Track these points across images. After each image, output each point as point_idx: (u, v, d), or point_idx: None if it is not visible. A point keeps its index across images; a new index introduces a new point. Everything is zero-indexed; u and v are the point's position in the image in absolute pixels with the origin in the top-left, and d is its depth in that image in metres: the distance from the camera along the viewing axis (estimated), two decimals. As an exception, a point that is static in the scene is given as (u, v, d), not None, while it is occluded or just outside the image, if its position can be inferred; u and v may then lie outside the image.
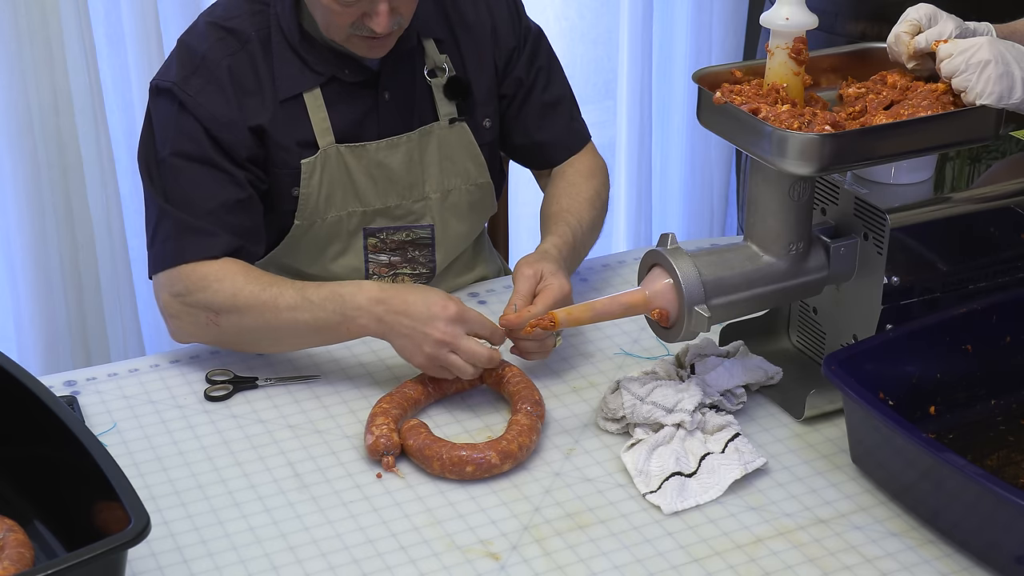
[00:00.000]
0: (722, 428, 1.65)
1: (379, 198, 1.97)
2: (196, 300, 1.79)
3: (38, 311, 2.73)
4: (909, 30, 1.68)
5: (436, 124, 1.98)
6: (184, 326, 1.83)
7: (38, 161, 2.65)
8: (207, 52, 1.86)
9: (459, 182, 2.02)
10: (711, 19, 3.46)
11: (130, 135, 2.86)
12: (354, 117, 1.92)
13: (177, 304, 1.81)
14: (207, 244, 1.81)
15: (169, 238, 1.82)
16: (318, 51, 1.89)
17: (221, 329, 1.80)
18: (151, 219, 1.86)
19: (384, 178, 1.96)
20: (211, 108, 1.84)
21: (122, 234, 2.84)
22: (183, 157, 1.84)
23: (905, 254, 1.67)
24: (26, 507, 1.46)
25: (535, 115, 2.06)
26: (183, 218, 1.82)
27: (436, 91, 1.97)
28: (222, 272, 1.79)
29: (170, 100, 1.86)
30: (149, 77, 2.75)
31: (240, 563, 1.48)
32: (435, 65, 1.96)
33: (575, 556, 1.49)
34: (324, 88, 1.90)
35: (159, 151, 1.86)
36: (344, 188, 1.94)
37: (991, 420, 1.68)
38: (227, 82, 1.85)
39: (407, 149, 1.96)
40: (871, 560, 1.49)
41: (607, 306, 1.67)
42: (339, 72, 1.90)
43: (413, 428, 1.65)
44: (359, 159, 1.93)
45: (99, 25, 2.74)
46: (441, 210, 2.01)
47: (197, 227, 1.81)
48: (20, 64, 2.57)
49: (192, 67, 1.86)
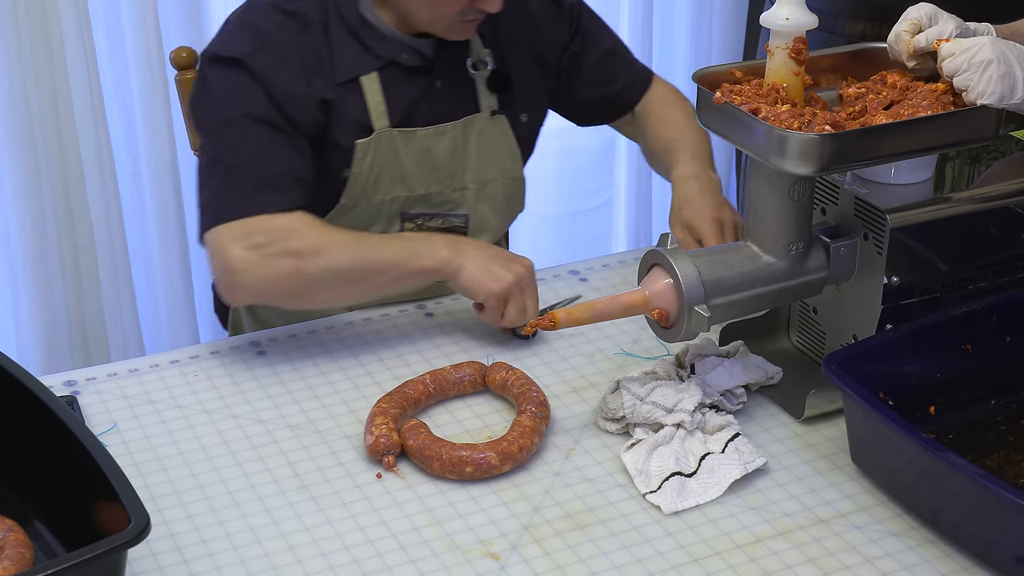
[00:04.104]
0: (722, 428, 1.65)
1: (422, 184, 2.00)
2: (280, 248, 1.81)
3: (38, 311, 2.73)
4: (910, 29, 1.68)
5: (478, 115, 2.02)
6: (252, 280, 1.82)
7: (38, 161, 2.65)
8: (273, 31, 1.89)
9: (496, 174, 2.06)
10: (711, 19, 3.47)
11: (130, 135, 2.86)
12: (406, 102, 1.96)
13: (254, 256, 1.81)
14: (283, 197, 1.84)
15: (241, 191, 1.83)
16: (378, 36, 1.93)
17: (304, 275, 1.81)
18: (213, 175, 1.86)
19: (429, 164, 1.99)
20: (280, 83, 1.87)
21: (122, 234, 2.84)
22: (254, 120, 1.86)
23: (905, 254, 1.67)
24: (26, 507, 1.46)
25: (595, 71, 2.15)
26: (257, 173, 1.84)
27: (479, 83, 2.01)
28: (301, 220, 1.84)
29: (236, 69, 1.87)
30: (149, 77, 2.77)
31: (240, 563, 1.48)
32: (478, 58, 2.01)
33: (575, 556, 1.49)
34: (381, 72, 1.94)
35: (225, 114, 1.87)
36: (392, 172, 1.97)
37: (991, 420, 1.68)
38: (294, 60, 1.89)
39: (452, 137, 2.00)
40: (871, 560, 1.49)
41: (607, 306, 1.67)
42: (398, 56, 1.94)
43: (413, 428, 1.65)
44: (408, 144, 1.97)
45: (99, 25, 2.74)
46: (477, 201, 2.05)
47: (272, 183, 1.84)
48: (20, 64, 2.57)
49: (259, 43, 1.89)
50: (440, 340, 1.92)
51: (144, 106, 2.80)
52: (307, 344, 1.91)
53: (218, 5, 2.90)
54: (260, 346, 1.90)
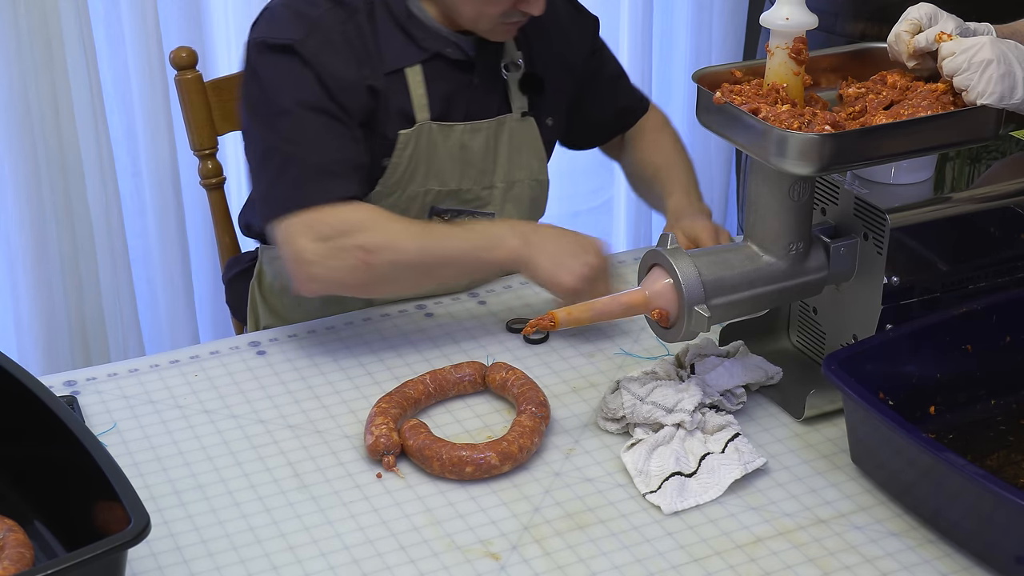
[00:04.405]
0: (722, 428, 1.65)
1: (455, 179, 2.01)
2: (348, 242, 1.82)
3: (38, 311, 2.73)
4: (909, 29, 1.68)
5: (509, 115, 2.04)
6: (323, 271, 1.83)
7: (38, 161, 2.65)
8: (320, 18, 1.90)
9: (524, 175, 2.08)
10: (711, 19, 3.47)
11: (130, 135, 2.86)
12: (446, 96, 1.97)
13: (323, 248, 1.82)
14: (343, 186, 1.85)
15: (301, 181, 1.84)
16: (423, 29, 1.94)
17: (372, 268, 1.82)
18: (270, 166, 1.86)
19: (463, 160, 2.01)
20: (331, 69, 1.87)
21: (122, 234, 2.84)
22: (309, 108, 1.86)
23: (905, 254, 1.67)
24: (26, 507, 1.46)
25: (606, 91, 2.19)
26: (316, 162, 1.85)
27: (511, 84, 2.03)
28: (367, 212, 1.85)
29: (288, 56, 1.87)
30: (149, 77, 2.77)
31: (240, 563, 1.48)
32: (511, 59, 2.03)
33: (575, 556, 1.49)
34: (424, 65, 1.95)
35: (279, 103, 1.87)
36: (427, 165, 1.98)
37: (991, 420, 1.68)
38: (343, 46, 1.89)
39: (486, 135, 2.02)
40: (871, 560, 1.49)
41: (607, 306, 1.67)
42: (443, 50, 1.95)
43: (413, 428, 1.65)
44: (446, 138, 1.98)
45: (99, 25, 2.74)
46: (504, 201, 2.06)
47: (332, 171, 1.85)
48: (20, 64, 2.57)
49: (307, 29, 1.89)
50: (440, 340, 1.92)
51: (144, 106, 2.80)
52: (307, 344, 1.91)
53: (218, 5, 2.90)
54: (260, 346, 1.90)
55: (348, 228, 1.83)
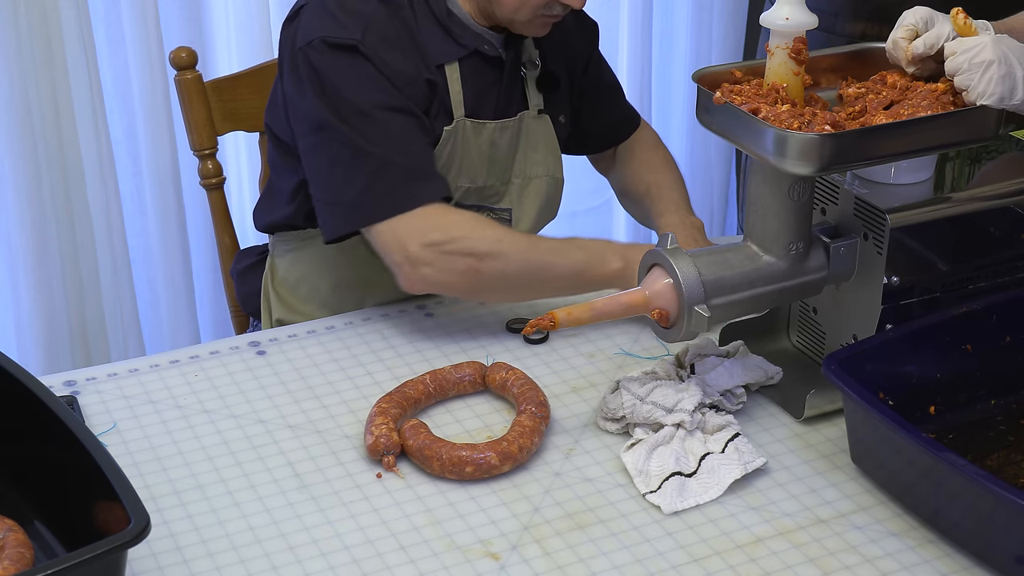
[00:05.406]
0: (722, 428, 1.65)
1: (481, 177, 2.03)
2: (459, 248, 1.83)
3: (38, 311, 2.73)
4: (906, 35, 1.68)
5: (527, 113, 2.05)
6: (435, 274, 1.84)
7: (38, 161, 2.65)
8: (372, 13, 1.90)
9: (540, 172, 2.09)
10: (711, 19, 3.47)
11: (130, 135, 2.86)
12: (477, 94, 1.98)
13: (432, 253, 1.83)
14: (436, 186, 1.87)
15: (397, 184, 1.84)
16: (461, 25, 1.95)
17: (480, 276, 1.84)
18: (360, 170, 1.85)
19: (490, 158, 2.02)
20: (395, 65, 1.88)
21: (122, 234, 2.84)
22: (387, 108, 1.87)
23: (905, 254, 1.67)
24: (26, 507, 1.46)
25: (602, 98, 2.20)
26: (407, 163, 1.85)
27: (529, 82, 2.04)
28: (475, 220, 1.87)
29: (354, 56, 1.87)
30: (149, 77, 2.77)
31: (240, 563, 1.48)
32: (528, 58, 2.04)
33: (575, 556, 1.49)
34: (461, 62, 1.96)
35: (355, 104, 1.86)
36: (461, 162, 1.99)
37: (991, 420, 1.68)
38: (397, 41, 1.90)
39: (512, 133, 2.03)
40: (871, 560, 1.49)
41: (607, 306, 1.67)
42: (480, 47, 1.97)
43: (413, 428, 1.65)
44: (478, 136, 1.99)
45: (99, 25, 2.74)
46: (520, 197, 2.08)
47: (424, 170, 1.87)
48: (20, 64, 2.57)
49: (363, 26, 1.89)
50: (440, 340, 1.92)
51: (144, 106, 2.80)
52: (307, 344, 1.91)
53: (218, 5, 2.90)
54: (260, 346, 1.90)
55: (458, 234, 1.84)
